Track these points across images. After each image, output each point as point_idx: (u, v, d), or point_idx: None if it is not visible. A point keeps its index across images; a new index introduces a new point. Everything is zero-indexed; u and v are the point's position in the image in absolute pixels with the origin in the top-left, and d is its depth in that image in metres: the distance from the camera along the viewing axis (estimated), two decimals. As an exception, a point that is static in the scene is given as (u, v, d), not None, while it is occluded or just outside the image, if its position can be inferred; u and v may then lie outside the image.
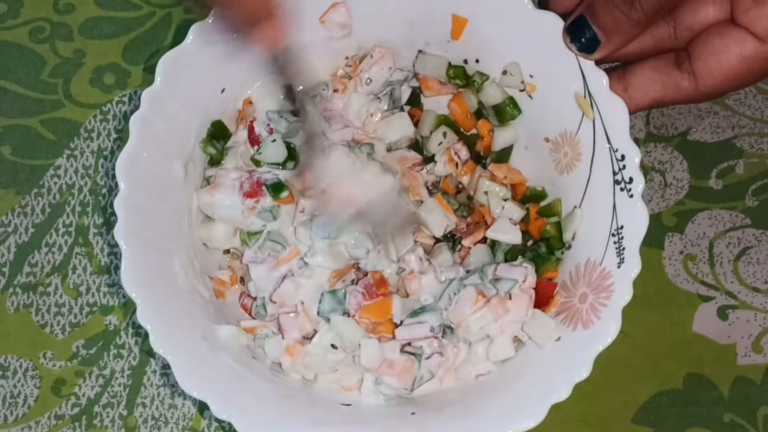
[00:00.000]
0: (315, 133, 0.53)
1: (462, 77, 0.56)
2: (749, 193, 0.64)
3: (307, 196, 0.54)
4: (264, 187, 0.55)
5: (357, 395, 0.53)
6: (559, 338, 0.51)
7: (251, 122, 0.56)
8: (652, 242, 0.62)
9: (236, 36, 0.52)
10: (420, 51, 0.56)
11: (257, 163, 0.56)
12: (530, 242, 0.55)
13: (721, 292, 0.61)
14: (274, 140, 0.56)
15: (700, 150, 0.64)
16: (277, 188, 0.55)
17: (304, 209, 0.54)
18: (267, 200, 0.55)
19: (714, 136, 0.65)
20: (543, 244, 0.54)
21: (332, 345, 0.53)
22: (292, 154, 0.55)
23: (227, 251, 0.57)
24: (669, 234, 0.62)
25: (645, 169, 0.63)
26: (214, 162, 0.56)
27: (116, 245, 0.49)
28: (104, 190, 0.63)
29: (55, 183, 0.63)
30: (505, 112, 0.55)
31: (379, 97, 0.58)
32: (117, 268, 0.61)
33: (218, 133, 0.56)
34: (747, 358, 0.60)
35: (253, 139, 0.56)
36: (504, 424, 0.48)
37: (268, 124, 0.56)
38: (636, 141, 0.62)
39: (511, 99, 0.55)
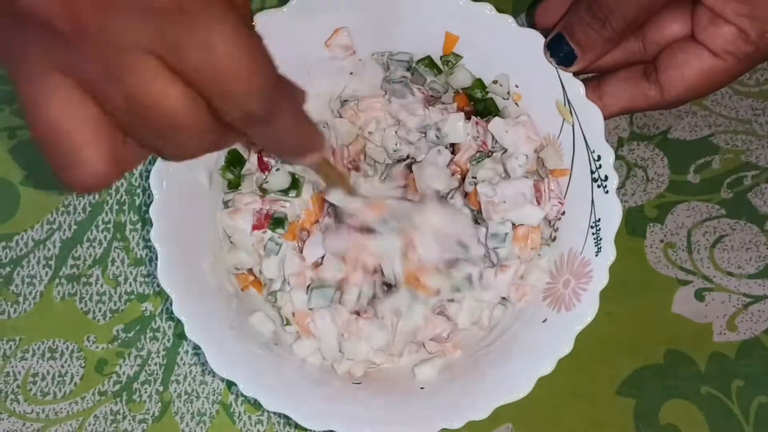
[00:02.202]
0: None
1: (431, 65, 0.57)
2: (724, 186, 0.65)
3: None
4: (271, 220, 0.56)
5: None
6: (546, 320, 0.54)
7: (260, 150, 0.57)
8: (635, 232, 0.64)
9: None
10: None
11: (265, 191, 0.56)
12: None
13: (698, 276, 0.63)
14: (278, 169, 0.56)
15: (680, 147, 0.65)
16: (276, 223, 0.56)
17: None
18: (270, 233, 0.56)
19: (692, 134, 0.66)
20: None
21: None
22: (295, 184, 0.56)
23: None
24: (650, 224, 0.64)
25: (629, 165, 0.65)
26: (233, 186, 0.57)
27: (150, 240, 0.51)
28: (139, 191, 0.64)
29: (95, 184, 0.67)
30: (474, 95, 0.57)
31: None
32: (151, 260, 0.63)
33: (234, 160, 0.57)
34: (722, 336, 0.62)
35: (263, 166, 0.57)
36: (496, 395, 0.51)
37: None
38: (620, 139, 0.65)
39: (480, 81, 0.57)
